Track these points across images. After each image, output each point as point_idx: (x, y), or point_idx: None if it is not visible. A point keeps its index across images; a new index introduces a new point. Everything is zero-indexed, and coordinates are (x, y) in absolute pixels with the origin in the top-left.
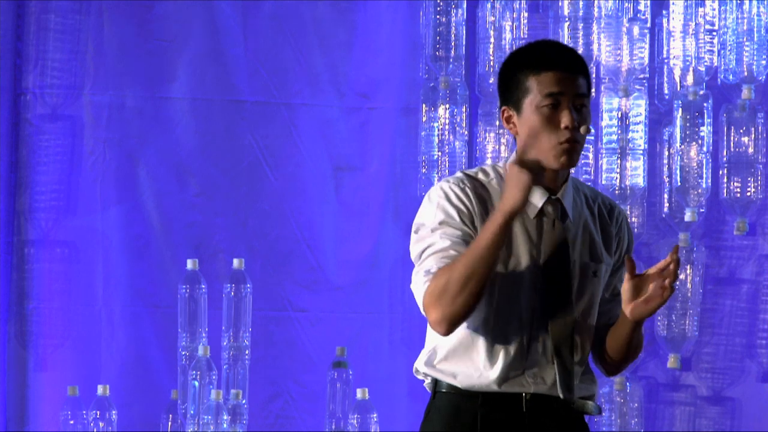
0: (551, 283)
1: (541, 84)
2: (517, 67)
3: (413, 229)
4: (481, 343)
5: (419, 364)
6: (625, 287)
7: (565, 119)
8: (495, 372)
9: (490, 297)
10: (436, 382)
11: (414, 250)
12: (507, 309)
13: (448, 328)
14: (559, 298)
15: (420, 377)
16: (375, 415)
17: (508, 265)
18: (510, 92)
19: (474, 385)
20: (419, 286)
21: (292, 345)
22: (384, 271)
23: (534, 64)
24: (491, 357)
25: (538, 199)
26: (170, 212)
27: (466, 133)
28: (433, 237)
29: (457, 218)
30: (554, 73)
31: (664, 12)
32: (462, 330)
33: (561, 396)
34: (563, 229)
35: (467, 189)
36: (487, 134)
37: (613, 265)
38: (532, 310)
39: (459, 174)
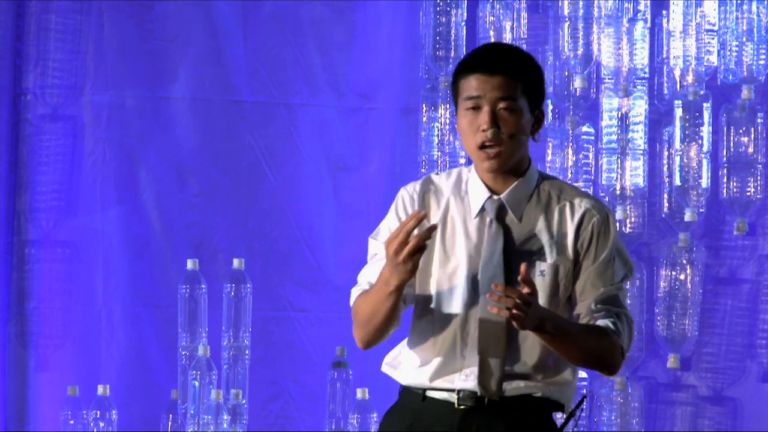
0: (486, 283)
1: (463, 88)
2: (455, 72)
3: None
4: (423, 342)
5: (383, 364)
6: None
7: (481, 122)
8: (430, 369)
9: (431, 298)
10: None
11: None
12: (446, 309)
13: (364, 347)
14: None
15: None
16: (375, 415)
17: (448, 265)
18: (453, 97)
19: (412, 382)
20: (353, 295)
21: (292, 345)
22: None
23: (460, 69)
24: (430, 355)
25: (479, 198)
26: (170, 212)
27: None
28: (378, 246)
29: None
30: (474, 77)
31: (664, 12)
32: (412, 330)
33: (478, 393)
34: (501, 229)
35: (414, 195)
36: None
37: (575, 267)
38: (469, 309)
39: (423, 178)
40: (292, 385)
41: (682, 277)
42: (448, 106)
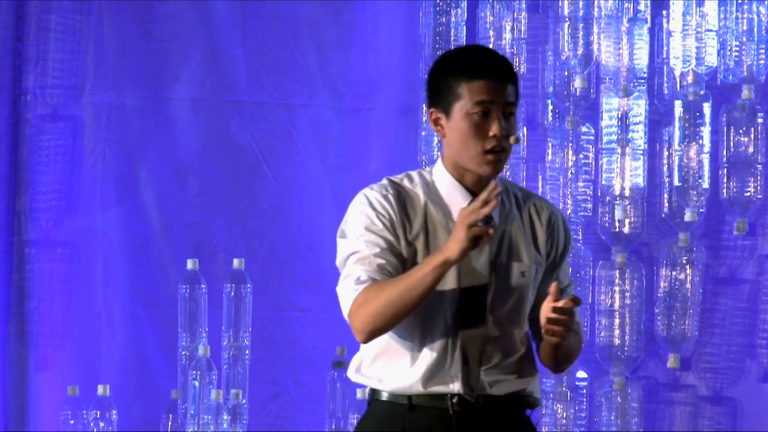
0: (469, 286)
1: (472, 91)
2: (450, 71)
3: (338, 234)
4: (406, 348)
5: (350, 372)
6: (544, 308)
7: (494, 128)
8: (418, 375)
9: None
10: (373, 390)
11: (339, 254)
12: (431, 313)
13: (367, 339)
14: (474, 300)
15: (357, 383)
16: None
17: None
18: (440, 95)
19: (398, 388)
20: (347, 291)
21: (292, 345)
22: None
23: (466, 71)
24: (416, 360)
25: (462, 202)
26: (170, 212)
27: None
28: (358, 243)
29: (380, 224)
30: (486, 82)
31: (664, 12)
32: (388, 335)
33: (463, 394)
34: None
35: (389, 196)
36: None
37: (546, 267)
38: (454, 313)
39: (384, 181)
40: (292, 385)
41: (682, 277)
42: None
